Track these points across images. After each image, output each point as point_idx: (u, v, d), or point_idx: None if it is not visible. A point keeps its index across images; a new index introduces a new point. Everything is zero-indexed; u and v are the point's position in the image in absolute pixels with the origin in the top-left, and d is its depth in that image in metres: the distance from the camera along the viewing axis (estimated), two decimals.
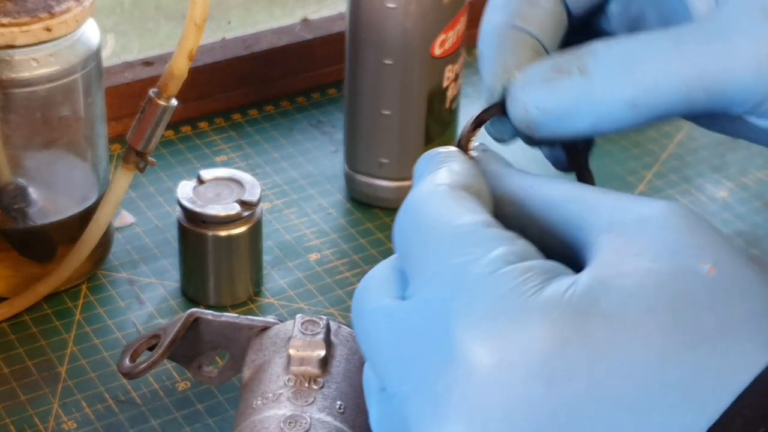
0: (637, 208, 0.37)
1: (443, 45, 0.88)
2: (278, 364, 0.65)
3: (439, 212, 0.38)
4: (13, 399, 0.76)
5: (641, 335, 0.34)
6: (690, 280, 0.35)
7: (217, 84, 1.02)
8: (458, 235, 0.37)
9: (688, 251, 0.36)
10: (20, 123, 0.78)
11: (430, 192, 0.39)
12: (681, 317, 0.34)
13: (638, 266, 0.35)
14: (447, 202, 0.38)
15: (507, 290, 0.35)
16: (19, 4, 0.75)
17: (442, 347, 0.35)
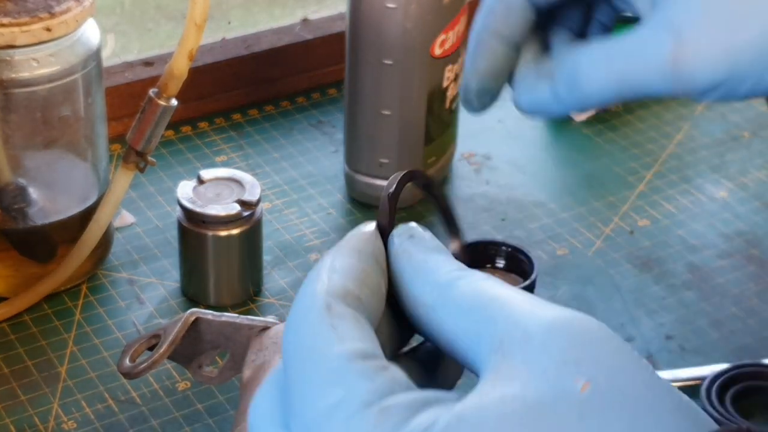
0: (525, 323, 0.37)
1: (443, 45, 0.88)
2: (278, 364, 0.65)
3: (308, 339, 0.38)
4: (13, 399, 0.76)
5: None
6: (558, 403, 0.34)
7: (218, 84, 1.02)
8: (323, 374, 0.37)
9: (564, 369, 0.35)
10: (20, 123, 0.78)
11: (306, 308, 0.39)
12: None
13: (505, 394, 0.35)
14: (317, 327, 0.38)
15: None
16: (19, 4, 0.75)
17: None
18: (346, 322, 0.38)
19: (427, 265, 0.40)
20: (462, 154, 0.99)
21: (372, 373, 0.36)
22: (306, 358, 0.37)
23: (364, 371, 0.36)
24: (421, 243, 0.41)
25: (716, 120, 1.04)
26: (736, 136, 1.02)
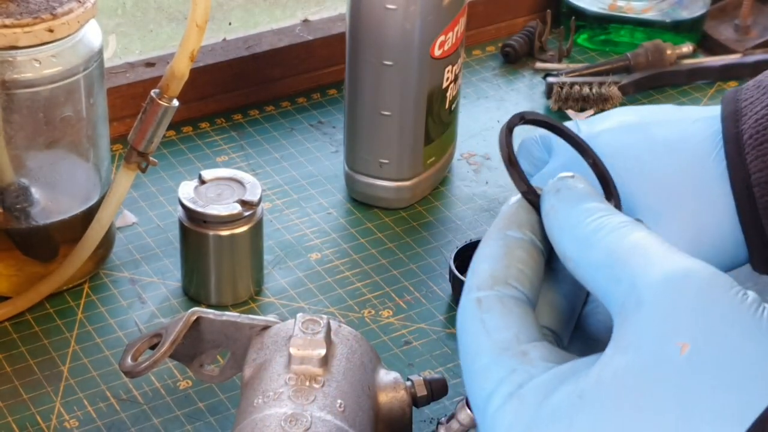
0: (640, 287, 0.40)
1: (443, 46, 0.88)
2: (279, 363, 0.66)
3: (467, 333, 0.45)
4: (15, 397, 0.76)
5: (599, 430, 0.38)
6: (660, 369, 0.38)
7: (218, 84, 1.02)
8: (475, 362, 0.44)
9: (667, 335, 0.38)
10: (23, 123, 0.79)
11: (463, 306, 0.46)
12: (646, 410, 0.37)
13: (617, 367, 0.39)
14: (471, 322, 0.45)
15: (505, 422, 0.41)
16: (21, 5, 0.76)
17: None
18: (492, 315, 0.44)
19: (569, 222, 0.44)
20: (462, 154, 0.99)
21: (512, 363, 0.42)
22: (466, 353, 0.45)
23: (505, 363, 0.42)
24: (566, 197, 0.44)
25: None
26: None
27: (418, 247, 0.90)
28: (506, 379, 0.42)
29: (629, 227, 0.42)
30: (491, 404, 0.42)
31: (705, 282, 0.39)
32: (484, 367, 0.43)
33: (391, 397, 0.68)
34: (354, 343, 0.68)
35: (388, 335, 0.82)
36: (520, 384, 0.42)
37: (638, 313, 0.39)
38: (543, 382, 0.41)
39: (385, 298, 0.85)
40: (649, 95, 1.07)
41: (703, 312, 0.38)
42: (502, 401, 0.42)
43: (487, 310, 0.44)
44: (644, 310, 0.39)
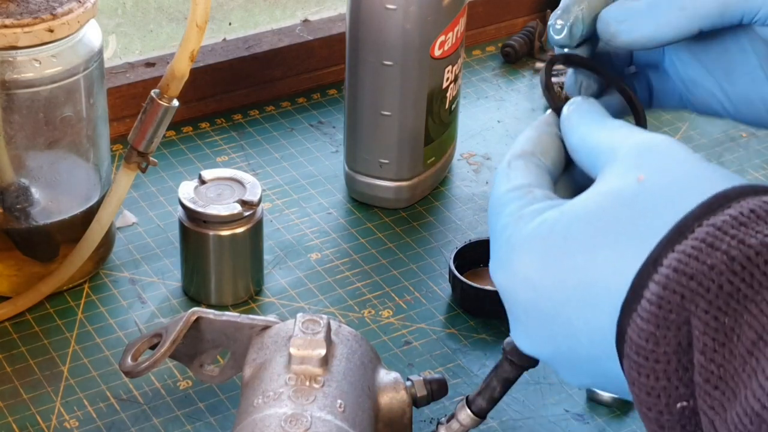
0: (617, 150, 0.52)
1: (443, 46, 0.89)
2: (279, 363, 0.66)
3: (494, 186, 0.55)
4: (15, 397, 0.76)
5: (577, 244, 0.50)
6: (623, 191, 0.50)
7: (218, 85, 1.03)
8: (494, 203, 0.54)
9: (630, 172, 0.50)
10: (23, 123, 0.79)
11: (497, 170, 0.56)
12: (607, 222, 0.49)
13: (590, 193, 0.51)
14: (499, 178, 0.55)
15: (507, 236, 0.53)
16: (21, 6, 0.76)
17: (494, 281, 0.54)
18: (517, 170, 0.55)
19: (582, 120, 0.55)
20: (462, 154, 0.99)
21: (519, 195, 0.53)
22: (491, 199, 0.55)
23: (516, 196, 0.53)
24: (578, 110, 0.56)
25: (714, 120, 1.04)
26: (734, 136, 1.03)
27: (418, 247, 0.90)
28: (514, 205, 0.53)
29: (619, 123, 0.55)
30: (499, 225, 0.53)
31: (668, 141, 0.51)
32: (501, 202, 0.54)
33: (391, 397, 0.68)
34: (354, 343, 0.68)
35: (388, 335, 0.82)
36: (521, 207, 0.53)
37: (614, 163, 0.51)
38: (539, 207, 0.52)
39: (385, 298, 0.85)
40: None
41: (661, 156, 0.50)
42: (507, 220, 0.53)
43: (513, 168, 0.55)
44: (617, 161, 0.51)
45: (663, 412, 0.46)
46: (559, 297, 0.51)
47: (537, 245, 0.51)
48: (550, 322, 0.51)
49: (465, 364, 0.80)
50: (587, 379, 0.53)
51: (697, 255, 0.45)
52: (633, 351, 0.47)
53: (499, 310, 0.83)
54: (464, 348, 0.81)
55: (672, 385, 0.46)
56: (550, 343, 0.52)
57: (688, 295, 0.45)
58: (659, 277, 0.46)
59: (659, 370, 0.46)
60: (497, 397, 0.64)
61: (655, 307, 0.46)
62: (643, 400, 0.47)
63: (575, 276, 0.50)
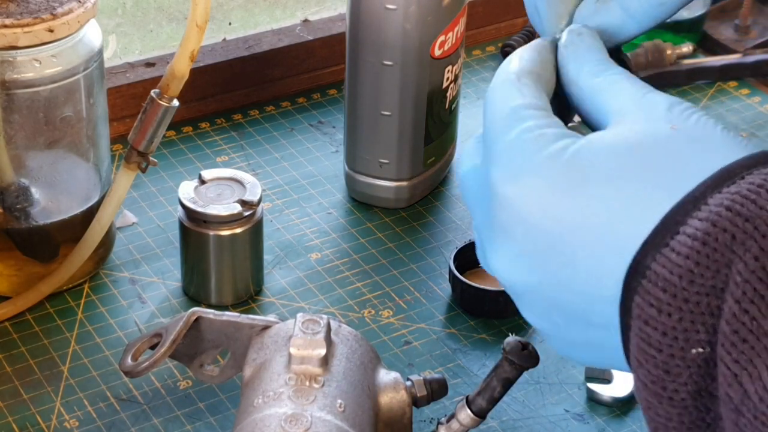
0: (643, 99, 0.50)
1: (443, 46, 0.89)
2: (279, 363, 0.66)
3: (500, 97, 0.53)
4: (15, 397, 0.76)
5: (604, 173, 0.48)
6: (653, 134, 0.49)
7: (218, 84, 1.03)
8: (505, 115, 0.52)
9: (664, 120, 0.49)
10: (23, 123, 0.79)
11: (500, 79, 0.53)
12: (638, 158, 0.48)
13: (618, 131, 0.49)
14: (508, 89, 0.53)
15: (524, 149, 0.50)
16: (21, 6, 0.76)
17: (491, 190, 0.51)
18: (529, 87, 0.53)
19: (582, 57, 0.54)
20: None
21: (540, 115, 0.51)
22: (499, 108, 0.52)
23: (535, 114, 0.51)
24: (583, 40, 0.54)
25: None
26: None
27: (418, 247, 0.90)
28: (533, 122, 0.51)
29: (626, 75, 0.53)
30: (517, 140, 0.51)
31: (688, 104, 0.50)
32: (516, 113, 0.52)
33: (391, 397, 0.68)
34: (354, 343, 0.68)
35: (388, 335, 0.82)
36: (544, 126, 0.51)
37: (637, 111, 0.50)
38: (561, 132, 0.50)
39: (385, 298, 0.85)
40: None
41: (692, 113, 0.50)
42: (527, 136, 0.50)
43: (524, 84, 0.53)
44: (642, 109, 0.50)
45: (675, 355, 0.44)
46: (570, 221, 0.48)
47: (559, 166, 0.49)
48: (550, 245, 0.49)
49: (465, 364, 0.80)
50: (559, 318, 0.50)
51: (755, 198, 0.44)
52: (658, 287, 0.44)
53: (499, 310, 0.83)
54: (464, 348, 0.81)
55: (694, 328, 0.44)
56: (539, 269, 0.50)
57: (740, 236, 0.43)
58: (706, 214, 0.44)
59: (686, 310, 0.44)
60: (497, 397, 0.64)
61: (699, 243, 0.44)
62: (656, 341, 0.45)
63: (595, 204, 0.48)
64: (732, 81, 1.09)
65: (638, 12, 0.55)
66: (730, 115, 1.05)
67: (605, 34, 0.55)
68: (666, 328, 0.44)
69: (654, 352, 0.45)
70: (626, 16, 0.55)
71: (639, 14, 0.55)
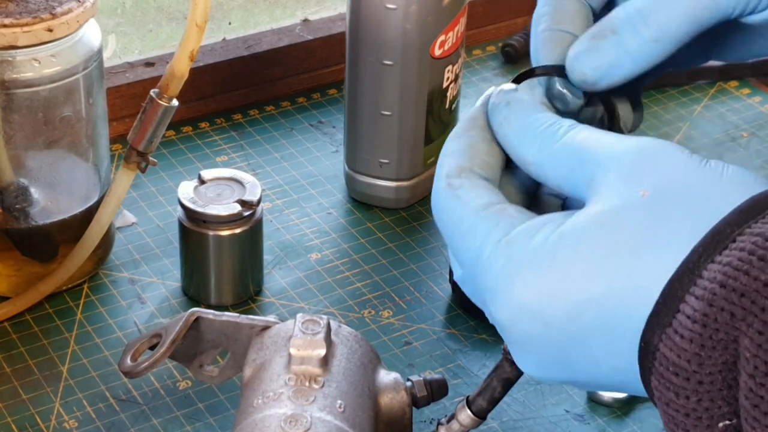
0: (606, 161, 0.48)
1: (443, 46, 0.88)
2: (279, 363, 0.66)
3: (443, 211, 0.50)
4: (14, 398, 0.76)
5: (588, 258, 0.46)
6: (627, 209, 0.46)
7: (218, 84, 1.02)
8: (457, 229, 0.50)
9: (631, 185, 0.46)
10: (22, 123, 0.78)
11: (435, 191, 0.51)
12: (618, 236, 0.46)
13: (590, 212, 0.47)
14: (446, 201, 0.50)
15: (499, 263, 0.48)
16: (20, 5, 0.76)
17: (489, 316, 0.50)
18: (464, 189, 0.50)
19: (526, 129, 0.51)
20: None
21: (495, 218, 0.49)
22: (447, 225, 0.50)
23: (488, 218, 0.49)
24: (518, 108, 0.52)
25: (715, 120, 1.04)
26: (735, 136, 1.03)
27: (418, 247, 0.90)
28: (492, 230, 0.49)
29: (579, 127, 0.50)
30: (483, 254, 0.49)
31: (660, 146, 0.47)
32: (469, 227, 0.49)
33: (391, 398, 0.68)
34: (354, 344, 0.68)
35: (388, 335, 0.82)
36: (506, 231, 0.48)
37: (606, 177, 0.47)
38: (527, 227, 0.48)
39: (385, 298, 0.85)
40: (650, 95, 1.07)
41: (660, 165, 0.47)
42: (492, 248, 0.48)
43: (458, 187, 0.50)
44: (610, 174, 0.47)
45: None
46: (572, 324, 0.47)
47: (539, 270, 0.47)
48: (565, 352, 0.48)
49: (465, 365, 0.80)
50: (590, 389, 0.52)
51: (747, 269, 0.42)
52: (670, 371, 0.44)
53: None
54: (464, 348, 0.81)
55: (715, 405, 0.43)
56: (566, 371, 0.49)
57: (740, 313, 0.42)
58: (702, 292, 0.43)
59: (702, 392, 0.43)
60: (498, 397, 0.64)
61: (700, 325, 0.42)
62: (681, 422, 0.44)
63: (588, 296, 0.46)
64: (733, 81, 1.09)
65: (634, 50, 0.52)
66: (730, 115, 1.05)
67: (599, 71, 0.53)
68: (688, 410, 0.44)
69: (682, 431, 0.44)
70: (622, 53, 0.52)
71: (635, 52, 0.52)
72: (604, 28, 0.53)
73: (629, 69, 0.53)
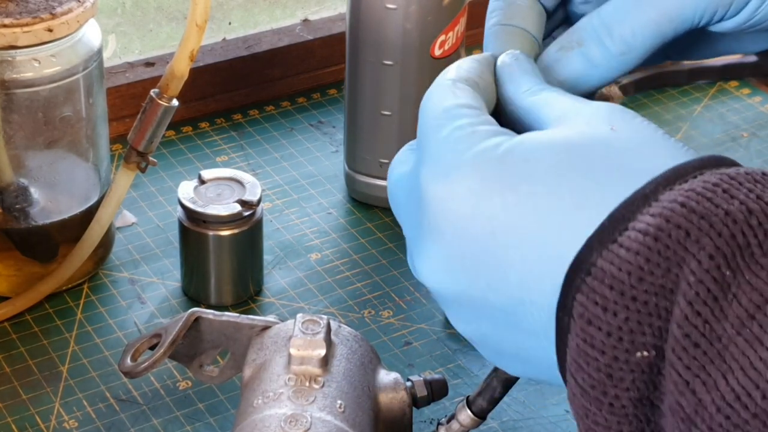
0: (578, 107, 0.49)
1: (443, 46, 0.88)
2: (279, 364, 0.66)
3: (435, 98, 0.51)
4: (14, 398, 0.76)
5: (541, 170, 0.46)
6: (592, 134, 0.47)
7: (218, 84, 1.02)
8: (438, 114, 0.50)
9: (601, 122, 0.48)
10: (22, 123, 0.78)
11: (436, 84, 0.52)
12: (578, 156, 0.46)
13: (555, 133, 0.48)
14: (442, 91, 0.51)
15: (455, 146, 0.49)
16: (20, 5, 0.76)
17: (420, 191, 0.49)
18: (464, 91, 0.51)
19: (520, 78, 0.53)
20: None
21: (473, 113, 0.50)
22: (432, 109, 0.51)
23: (468, 113, 0.50)
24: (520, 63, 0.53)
25: (715, 120, 1.04)
26: (735, 136, 1.03)
27: None
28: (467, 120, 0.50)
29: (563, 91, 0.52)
30: (450, 138, 0.49)
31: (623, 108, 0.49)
32: (448, 111, 0.50)
33: (391, 398, 0.68)
34: (354, 344, 0.68)
35: (388, 335, 0.82)
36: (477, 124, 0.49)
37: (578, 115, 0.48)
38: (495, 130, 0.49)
39: (385, 298, 0.85)
40: (650, 95, 1.07)
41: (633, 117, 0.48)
42: (461, 133, 0.49)
43: (460, 88, 0.52)
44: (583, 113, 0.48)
45: (619, 358, 0.42)
46: (502, 220, 0.46)
47: (491, 163, 0.47)
48: (480, 246, 0.47)
49: (465, 365, 0.80)
50: (487, 326, 0.48)
51: (710, 197, 0.42)
52: (604, 284, 0.42)
53: None
54: (464, 348, 0.81)
55: (640, 329, 0.42)
56: (469, 272, 0.47)
57: (695, 233, 0.41)
58: (659, 210, 0.42)
59: (633, 309, 0.42)
60: (498, 397, 0.64)
61: (651, 238, 0.42)
62: (599, 342, 0.42)
63: (531, 202, 0.46)
64: (733, 81, 1.09)
65: (600, 62, 0.53)
66: (730, 115, 1.05)
67: (566, 83, 0.54)
68: (611, 328, 0.42)
69: (597, 354, 0.43)
70: (588, 65, 0.53)
71: (601, 64, 0.53)
72: (571, 39, 0.54)
73: (597, 80, 0.54)
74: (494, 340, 0.49)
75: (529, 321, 0.46)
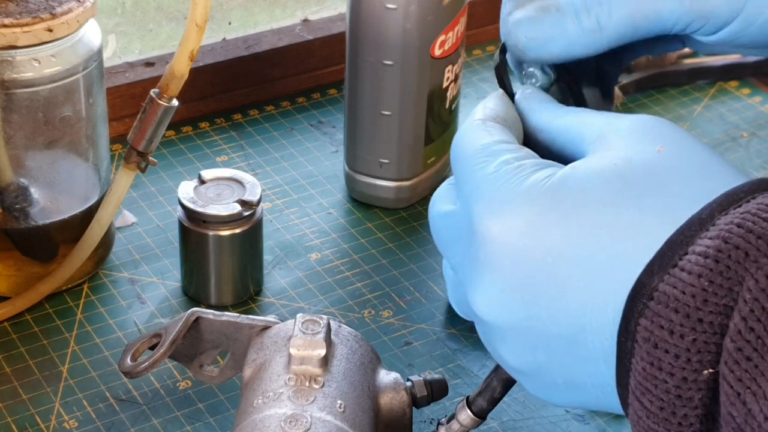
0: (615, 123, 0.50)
1: (443, 45, 0.88)
2: (279, 363, 0.66)
3: (469, 138, 0.53)
4: (14, 398, 0.76)
5: (595, 199, 0.47)
6: (641, 159, 0.48)
7: (218, 84, 1.02)
8: (477, 152, 0.52)
9: (646, 143, 0.48)
10: (22, 123, 0.78)
11: (466, 126, 0.54)
12: (631, 183, 0.47)
13: (604, 159, 0.48)
14: (475, 131, 0.53)
15: (506, 181, 0.49)
16: (20, 5, 0.76)
17: (471, 227, 0.50)
18: (496, 128, 0.53)
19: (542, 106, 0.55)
20: None
21: (513, 149, 0.51)
22: (470, 148, 0.52)
23: (507, 148, 0.51)
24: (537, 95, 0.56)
25: (715, 120, 1.04)
26: (735, 136, 1.03)
27: (418, 247, 0.90)
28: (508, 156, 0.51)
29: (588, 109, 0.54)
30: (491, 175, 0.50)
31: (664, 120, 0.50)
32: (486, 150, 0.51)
33: (391, 398, 0.68)
34: (354, 344, 0.68)
35: (388, 335, 0.82)
36: (520, 159, 0.50)
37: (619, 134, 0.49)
38: (540, 162, 0.50)
39: (385, 298, 0.85)
40: (650, 95, 1.07)
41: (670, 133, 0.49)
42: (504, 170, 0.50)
43: (491, 126, 0.53)
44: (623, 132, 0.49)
45: (688, 378, 0.43)
46: (561, 250, 0.47)
47: (546, 195, 0.48)
48: (540, 276, 0.48)
49: (465, 365, 0.80)
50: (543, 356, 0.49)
51: (766, 217, 0.43)
52: (669, 308, 0.43)
53: None
54: (464, 348, 0.81)
55: (707, 348, 0.43)
56: (528, 303, 0.48)
57: (753, 254, 0.42)
58: (717, 232, 0.43)
59: (699, 331, 0.43)
60: (498, 397, 0.64)
61: (712, 260, 0.43)
62: (666, 365, 0.43)
63: (588, 231, 0.47)
64: (733, 81, 1.09)
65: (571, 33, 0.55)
66: (730, 114, 1.05)
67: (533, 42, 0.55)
68: (679, 350, 0.43)
69: (665, 377, 0.43)
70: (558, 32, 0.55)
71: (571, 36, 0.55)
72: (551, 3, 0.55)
73: (561, 49, 0.55)
74: (548, 371, 0.49)
75: (588, 348, 0.47)
